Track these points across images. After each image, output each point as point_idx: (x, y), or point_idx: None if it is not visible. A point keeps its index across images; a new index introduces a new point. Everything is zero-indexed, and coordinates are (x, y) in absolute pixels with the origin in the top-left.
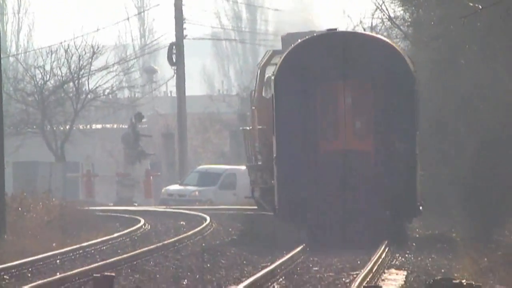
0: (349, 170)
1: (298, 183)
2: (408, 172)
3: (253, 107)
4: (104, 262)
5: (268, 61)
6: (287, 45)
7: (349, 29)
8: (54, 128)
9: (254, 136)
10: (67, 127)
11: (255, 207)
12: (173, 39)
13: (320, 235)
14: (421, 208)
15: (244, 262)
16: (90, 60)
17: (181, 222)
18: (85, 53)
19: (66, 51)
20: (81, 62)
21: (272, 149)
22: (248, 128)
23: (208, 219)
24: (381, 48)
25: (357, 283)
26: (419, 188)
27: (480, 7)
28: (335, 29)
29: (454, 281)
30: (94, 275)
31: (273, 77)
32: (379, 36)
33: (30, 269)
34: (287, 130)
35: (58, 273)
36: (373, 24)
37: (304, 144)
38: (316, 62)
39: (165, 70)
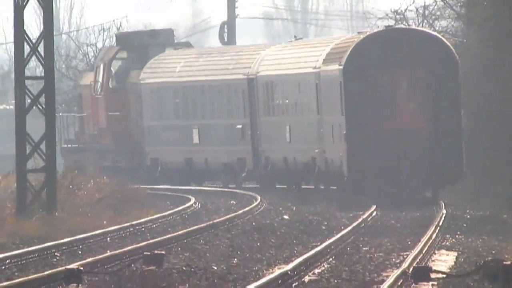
0: (406, 144)
1: (364, 156)
2: (455, 144)
3: (98, 96)
4: (154, 240)
5: (114, 56)
6: (120, 42)
7: (402, 10)
8: None
9: (97, 121)
10: None
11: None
12: (224, 18)
13: (382, 199)
14: (464, 171)
15: (294, 241)
16: None
17: (232, 201)
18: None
19: (118, 29)
20: None
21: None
22: (79, 114)
23: (259, 198)
24: (431, 41)
25: (407, 263)
26: (464, 157)
27: None
28: (392, 26)
29: (504, 263)
30: (144, 253)
31: (340, 67)
32: (429, 31)
33: (80, 247)
34: (354, 111)
35: (108, 251)
36: (426, 4)
37: (368, 123)
38: (377, 54)
39: None
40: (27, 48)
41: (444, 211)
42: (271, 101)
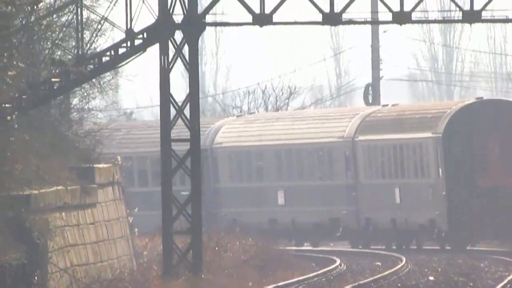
0: (499, 199)
1: (462, 211)
2: None
3: None
4: None
5: None
6: None
7: None
8: None
9: None
10: None
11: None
12: (369, 80)
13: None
14: None
15: None
16: (287, 100)
17: (377, 263)
18: (282, 94)
19: (263, 91)
20: (278, 102)
21: None
22: None
23: (404, 259)
24: None
25: None
26: None
27: None
28: (482, 97)
29: None
30: None
31: (437, 135)
32: None
33: None
34: (453, 170)
35: None
36: None
37: (465, 181)
38: (473, 121)
39: None
40: (173, 111)
41: None
42: (242, 169)
